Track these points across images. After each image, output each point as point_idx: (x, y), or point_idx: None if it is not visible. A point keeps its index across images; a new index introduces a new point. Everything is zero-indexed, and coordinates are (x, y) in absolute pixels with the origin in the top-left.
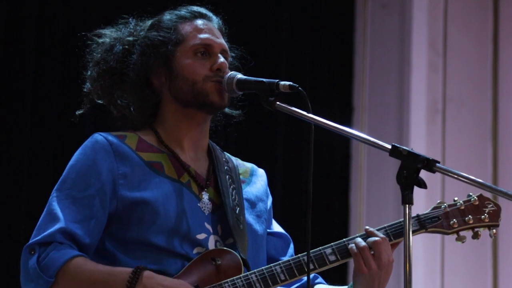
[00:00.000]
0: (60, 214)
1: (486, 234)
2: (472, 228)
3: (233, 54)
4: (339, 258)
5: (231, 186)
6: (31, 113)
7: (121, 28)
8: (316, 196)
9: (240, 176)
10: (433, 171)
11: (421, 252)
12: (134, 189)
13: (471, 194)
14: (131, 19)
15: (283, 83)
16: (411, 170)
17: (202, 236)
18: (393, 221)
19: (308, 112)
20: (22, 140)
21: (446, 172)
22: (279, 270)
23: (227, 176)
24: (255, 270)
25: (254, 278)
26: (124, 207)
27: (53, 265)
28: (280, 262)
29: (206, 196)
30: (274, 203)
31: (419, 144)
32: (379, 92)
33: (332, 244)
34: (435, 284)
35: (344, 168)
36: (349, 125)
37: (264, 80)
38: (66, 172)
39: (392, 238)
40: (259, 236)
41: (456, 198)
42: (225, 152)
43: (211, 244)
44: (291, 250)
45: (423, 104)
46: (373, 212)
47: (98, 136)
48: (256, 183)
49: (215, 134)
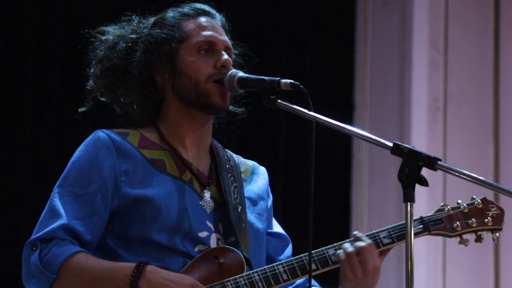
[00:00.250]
0: (62, 210)
1: (488, 237)
2: (475, 232)
3: (236, 52)
4: None
5: (233, 185)
6: (32, 109)
7: (124, 25)
8: (318, 194)
9: (242, 175)
10: (434, 169)
11: (423, 251)
12: (136, 186)
13: (474, 197)
14: (134, 16)
15: (284, 81)
16: (412, 168)
17: (203, 234)
18: (394, 219)
19: (309, 110)
20: (23, 136)
21: (447, 170)
22: (281, 269)
23: (229, 174)
24: (257, 269)
25: (257, 277)
26: (126, 204)
27: (55, 261)
28: (282, 261)
29: (208, 194)
30: (275, 201)
31: (420, 142)
32: (380, 90)
33: (335, 244)
34: (437, 283)
35: (346, 166)
36: (350, 123)
37: (265, 78)
38: (68, 168)
39: (395, 240)
40: (260, 235)
41: (459, 201)
42: (226, 149)
43: (213, 242)
44: (289, 251)
45: (424, 102)
46: (374, 210)
47: (100, 133)
48: (258, 181)
49: (218, 132)
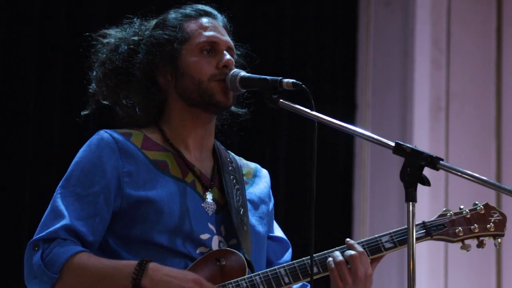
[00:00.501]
0: (64, 211)
1: (490, 242)
2: (477, 237)
3: (238, 52)
4: None
5: (235, 187)
6: (35, 110)
7: (125, 28)
8: (320, 194)
9: (244, 177)
10: (436, 169)
11: (425, 251)
12: (139, 187)
13: (477, 203)
14: (135, 19)
15: (286, 80)
16: (414, 167)
17: (205, 236)
18: (396, 219)
19: (312, 110)
20: (26, 137)
21: (449, 170)
22: (283, 272)
23: (231, 177)
24: (259, 272)
25: (258, 280)
26: (128, 205)
27: (57, 261)
28: (284, 264)
29: (210, 197)
30: (277, 201)
31: (422, 141)
32: (383, 90)
33: (337, 248)
34: (439, 284)
35: (348, 166)
36: (352, 122)
37: (268, 77)
38: (71, 168)
39: (397, 245)
40: (261, 238)
41: (462, 206)
42: (229, 151)
43: (214, 245)
44: (289, 255)
45: (426, 101)
46: (376, 210)
47: (104, 133)
48: (259, 184)
49: (221, 133)
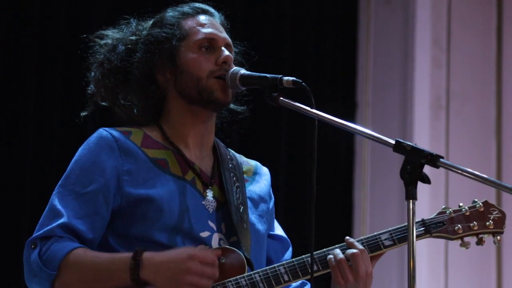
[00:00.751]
0: (62, 210)
1: (490, 240)
2: (477, 235)
3: (236, 50)
4: None
5: (235, 184)
6: (35, 110)
7: (123, 28)
8: (320, 193)
9: (244, 175)
10: (437, 167)
11: (425, 250)
12: (138, 185)
13: (476, 200)
14: (132, 19)
15: (286, 78)
16: (414, 165)
17: (205, 234)
18: (396, 217)
19: (312, 108)
20: (26, 136)
21: (450, 168)
22: (282, 270)
23: (231, 174)
24: (258, 270)
25: (258, 278)
26: (128, 204)
27: (54, 258)
28: (283, 262)
29: (210, 194)
30: (277, 200)
31: (422, 140)
32: (383, 88)
33: (336, 246)
34: (439, 282)
35: (348, 164)
36: (352, 121)
37: (268, 75)
38: (70, 167)
39: (396, 243)
40: (261, 236)
41: (461, 204)
42: (229, 149)
43: (214, 242)
44: (289, 254)
45: (426, 100)
46: (376, 209)
47: (103, 132)
48: (260, 182)
49: (221, 131)
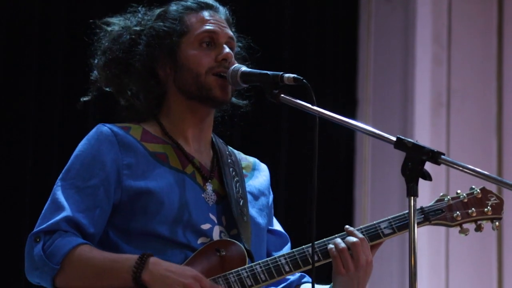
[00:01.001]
0: (65, 203)
1: (489, 226)
2: (475, 221)
3: (240, 44)
4: None
5: (235, 179)
6: (35, 103)
7: (129, 17)
8: (321, 189)
9: (243, 170)
10: (438, 163)
11: (425, 244)
12: (138, 179)
13: (473, 187)
14: (140, 7)
15: (287, 75)
16: (416, 162)
17: (206, 227)
18: (397, 213)
19: (313, 105)
20: (26, 130)
21: (451, 164)
22: (283, 261)
23: (230, 169)
24: (259, 262)
25: (259, 269)
26: (128, 197)
27: (58, 252)
28: (284, 253)
29: (210, 187)
30: (278, 197)
31: (423, 137)
32: (383, 86)
33: (336, 235)
34: (439, 276)
35: (349, 161)
36: (353, 118)
37: (269, 72)
38: (70, 161)
39: (396, 231)
40: (261, 229)
41: (459, 191)
42: (228, 146)
43: (215, 235)
44: (287, 249)
45: (427, 97)
46: (377, 205)
47: (103, 127)
48: (259, 177)
49: (221, 125)
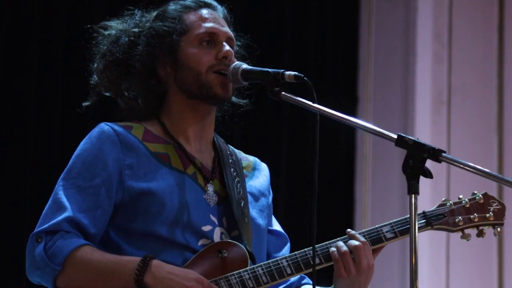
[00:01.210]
0: (66, 203)
1: (491, 232)
2: (477, 226)
3: (239, 43)
4: None
5: (236, 179)
6: (36, 103)
7: (126, 19)
8: (321, 187)
9: (244, 170)
10: (439, 161)
11: (426, 244)
12: (140, 179)
13: (476, 192)
14: (136, 10)
15: (288, 73)
16: (417, 159)
17: (207, 228)
18: (397, 212)
19: (314, 102)
20: (27, 129)
21: (452, 162)
22: (285, 264)
23: (231, 169)
24: (261, 264)
25: (261, 271)
26: (130, 198)
27: (60, 253)
28: (286, 256)
29: (211, 188)
30: (278, 195)
31: (424, 135)
32: (384, 83)
33: (338, 239)
34: (440, 276)
35: (349, 159)
36: (354, 116)
37: (269, 70)
38: (72, 161)
39: (398, 235)
40: (262, 230)
41: (461, 196)
42: (229, 145)
43: (216, 236)
44: (287, 250)
45: (428, 95)
46: (378, 203)
47: (105, 126)
48: (259, 177)
49: (222, 124)
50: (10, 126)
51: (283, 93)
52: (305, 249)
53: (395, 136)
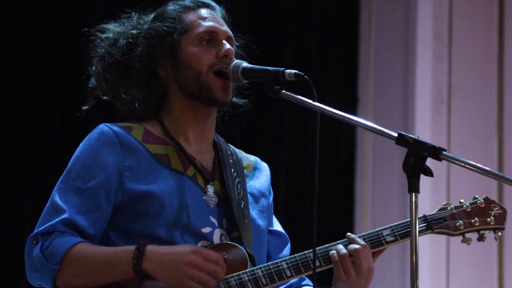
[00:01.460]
0: (63, 206)
1: (491, 236)
2: (478, 231)
3: (237, 43)
4: None
5: (236, 180)
6: (36, 105)
7: (124, 22)
8: (321, 186)
9: (244, 170)
10: (439, 159)
11: (427, 245)
12: (140, 181)
13: (477, 196)
14: (133, 13)
15: (288, 71)
16: (417, 158)
17: (207, 230)
18: (398, 211)
19: (314, 101)
20: (27, 131)
21: (452, 160)
22: (285, 266)
23: (232, 170)
24: (261, 266)
25: (260, 274)
26: (129, 200)
27: (56, 252)
28: (286, 258)
29: (211, 189)
30: (278, 194)
31: (424, 134)
32: (384, 83)
33: (338, 242)
34: (440, 277)
35: (349, 158)
36: (354, 115)
37: (270, 68)
38: (71, 163)
39: (398, 239)
40: (262, 231)
41: (462, 200)
42: (229, 144)
43: (216, 238)
44: (288, 250)
45: (428, 94)
46: (378, 202)
47: (104, 127)
48: (259, 177)
49: (222, 125)
50: (10, 126)
51: (284, 91)
52: (304, 251)
53: (395, 135)
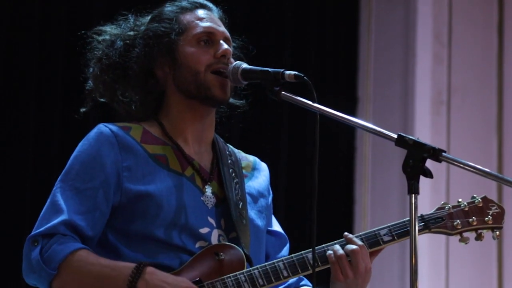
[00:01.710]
0: (63, 205)
1: (489, 234)
2: (476, 230)
3: (234, 45)
4: None
5: (234, 180)
6: (36, 106)
7: (121, 24)
8: (321, 188)
9: (243, 170)
10: (439, 161)
11: (426, 245)
12: (138, 182)
13: (475, 196)
14: (130, 15)
15: (288, 72)
16: (417, 159)
17: (205, 231)
18: (397, 212)
19: (314, 102)
20: (27, 131)
21: (452, 162)
22: (282, 266)
23: (230, 170)
24: (257, 266)
25: (257, 274)
26: (128, 200)
27: (55, 257)
28: (283, 258)
29: (209, 190)
30: (278, 195)
31: (424, 135)
32: (384, 83)
33: (335, 242)
34: (439, 277)
35: (349, 159)
36: (353, 116)
37: (269, 69)
38: (70, 162)
39: (395, 238)
40: (260, 232)
41: (460, 200)
42: (228, 144)
43: (214, 239)
44: (286, 250)
45: (427, 95)
46: (377, 203)
47: (103, 127)
48: (258, 178)
49: (220, 126)
50: (10, 126)
51: (283, 92)
52: (302, 252)
53: (395, 136)
